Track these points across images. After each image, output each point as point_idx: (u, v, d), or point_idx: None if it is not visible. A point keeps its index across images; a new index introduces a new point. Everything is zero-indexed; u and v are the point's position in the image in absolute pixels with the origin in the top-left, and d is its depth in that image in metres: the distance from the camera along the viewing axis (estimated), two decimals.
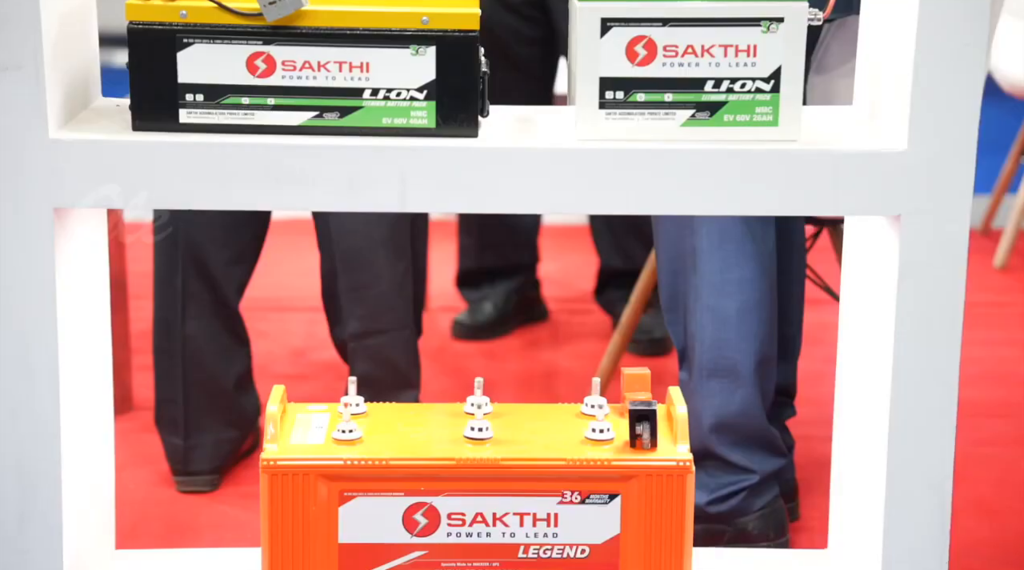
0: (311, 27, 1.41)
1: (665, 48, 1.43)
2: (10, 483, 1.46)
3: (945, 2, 1.39)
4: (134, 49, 1.41)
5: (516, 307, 3.22)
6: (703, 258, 2.11)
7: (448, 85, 1.43)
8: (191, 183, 1.42)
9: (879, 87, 1.52)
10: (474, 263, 3.23)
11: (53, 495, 1.47)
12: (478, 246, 3.22)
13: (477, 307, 3.19)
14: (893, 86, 1.46)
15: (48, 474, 1.46)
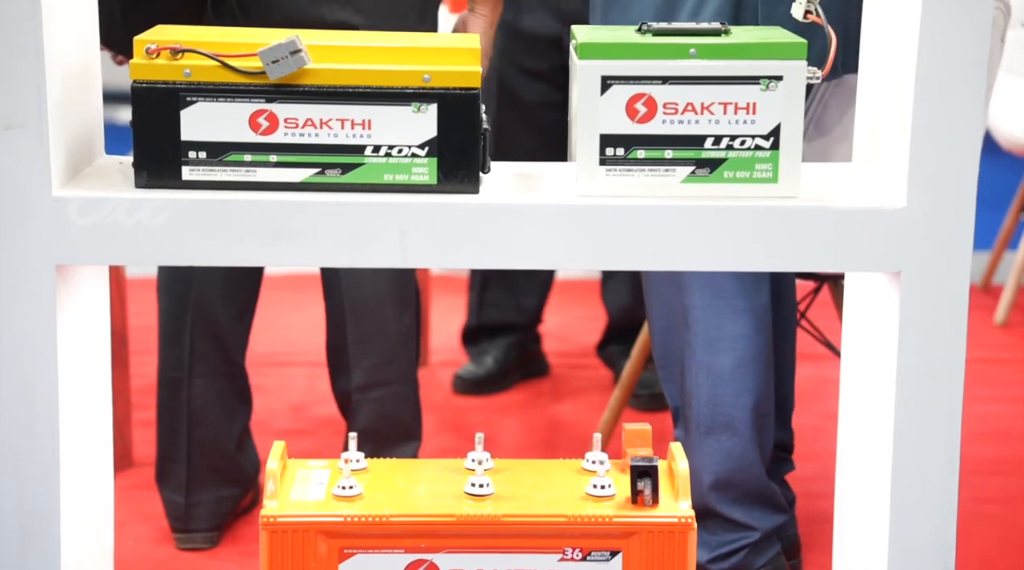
0: (314, 85, 1.42)
1: (665, 106, 1.44)
2: (10, 538, 1.46)
3: (942, 60, 1.40)
4: (138, 108, 1.42)
5: (517, 362, 3.22)
6: (695, 315, 2.12)
7: (449, 142, 1.44)
8: (194, 240, 1.43)
9: (878, 144, 1.53)
10: (476, 320, 3.24)
11: (52, 551, 1.46)
12: (480, 303, 3.23)
13: (478, 361, 3.20)
14: (892, 143, 1.47)
15: (47, 530, 1.46)
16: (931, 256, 1.43)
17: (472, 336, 3.25)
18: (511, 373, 3.21)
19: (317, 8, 2.21)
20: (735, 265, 1.46)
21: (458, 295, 3.55)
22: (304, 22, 2.17)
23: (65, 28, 1.45)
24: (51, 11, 1.39)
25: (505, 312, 3.21)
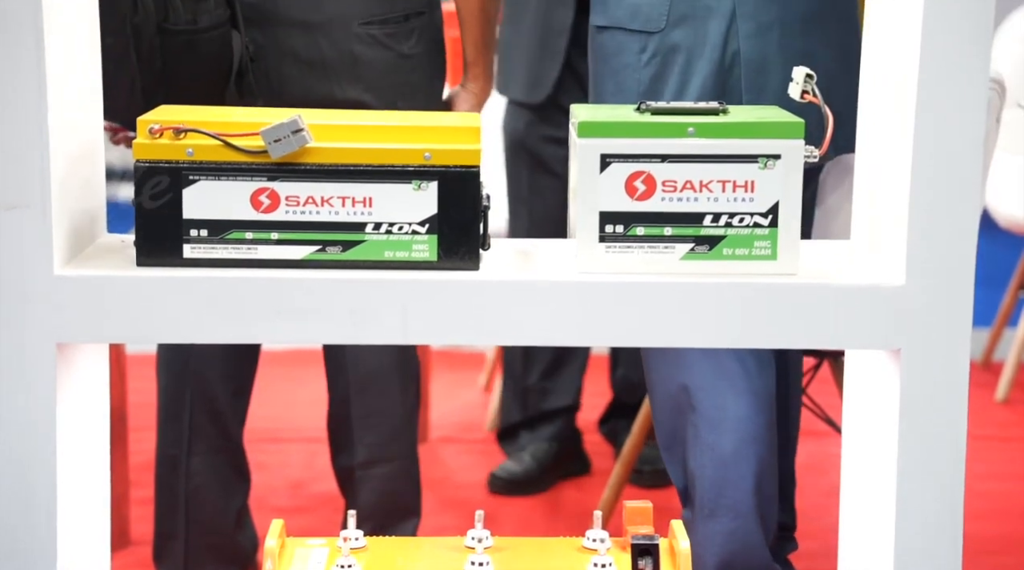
0: (315, 163, 1.44)
1: (664, 183, 1.45)
2: None
3: (939, 139, 1.41)
4: (140, 187, 1.43)
5: (556, 459, 3.15)
6: (697, 396, 2.11)
7: (450, 219, 1.45)
8: (194, 318, 1.43)
9: (876, 222, 1.54)
10: (514, 416, 3.17)
11: None
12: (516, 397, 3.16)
13: (516, 459, 3.13)
14: (890, 221, 1.48)
15: None
16: (931, 334, 1.43)
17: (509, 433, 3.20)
18: (550, 472, 3.14)
19: (328, 87, 2.24)
20: (735, 342, 1.46)
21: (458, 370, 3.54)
22: (315, 101, 2.20)
23: (70, 108, 1.46)
24: (56, 90, 1.41)
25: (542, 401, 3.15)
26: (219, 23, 2.11)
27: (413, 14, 2.30)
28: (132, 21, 2.02)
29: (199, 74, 2.12)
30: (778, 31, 2.02)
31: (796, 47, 2.03)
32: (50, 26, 1.39)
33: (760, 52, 2.02)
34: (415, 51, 2.30)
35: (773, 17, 2.01)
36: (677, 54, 2.04)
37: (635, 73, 2.08)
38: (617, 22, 2.10)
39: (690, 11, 2.03)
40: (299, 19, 2.23)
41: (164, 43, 2.07)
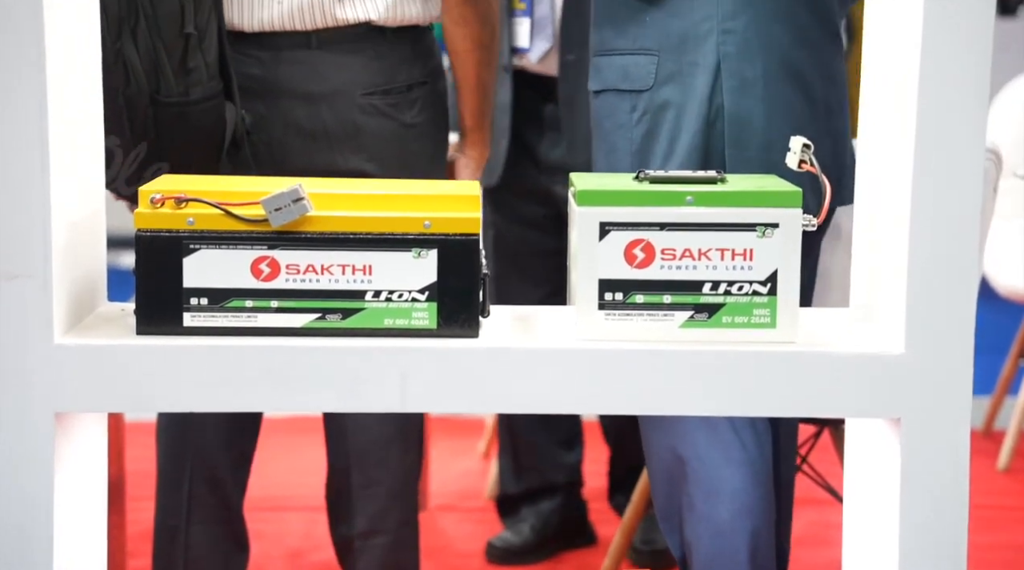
0: (315, 232, 1.44)
1: (663, 251, 1.45)
2: None
3: (936, 208, 1.42)
4: (141, 256, 1.44)
5: (557, 532, 3.13)
6: (693, 466, 2.11)
7: (449, 287, 1.45)
8: (194, 386, 1.43)
9: (874, 290, 1.54)
10: (513, 486, 3.15)
11: None
12: (514, 468, 3.14)
13: (515, 530, 3.10)
14: (888, 290, 1.48)
15: None
16: (931, 402, 1.43)
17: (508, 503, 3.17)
18: (550, 542, 3.10)
19: (330, 157, 2.26)
20: (735, 410, 1.46)
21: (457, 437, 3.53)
22: (317, 171, 2.22)
23: (72, 175, 1.47)
24: (59, 158, 1.42)
25: (544, 473, 3.13)
26: (212, 95, 2.13)
27: (416, 84, 2.32)
28: (124, 93, 2.04)
29: (192, 145, 2.13)
30: (761, 86, 2.03)
31: (778, 101, 2.04)
32: (54, 95, 1.40)
33: (743, 107, 2.03)
34: (417, 120, 2.32)
35: (757, 73, 2.03)
36: (667, 111, 2.06)
37: (627, 132, 2.10)
38: (609, 84, 2.12)
39: (677, 68, 2.05)
40: (302, 90, 2.25)
41: (157, 114, 2.09)
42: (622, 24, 2.09)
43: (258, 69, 2.23)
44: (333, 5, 2.23)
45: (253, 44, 2.23)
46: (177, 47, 2.07)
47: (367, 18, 2.26)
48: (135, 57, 2.04)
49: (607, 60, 2.12)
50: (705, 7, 2.03)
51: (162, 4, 2.05)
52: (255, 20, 2.22)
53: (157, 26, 2.05)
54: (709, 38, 2.03)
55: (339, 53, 2.26)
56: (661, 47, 2.06)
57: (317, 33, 2.25)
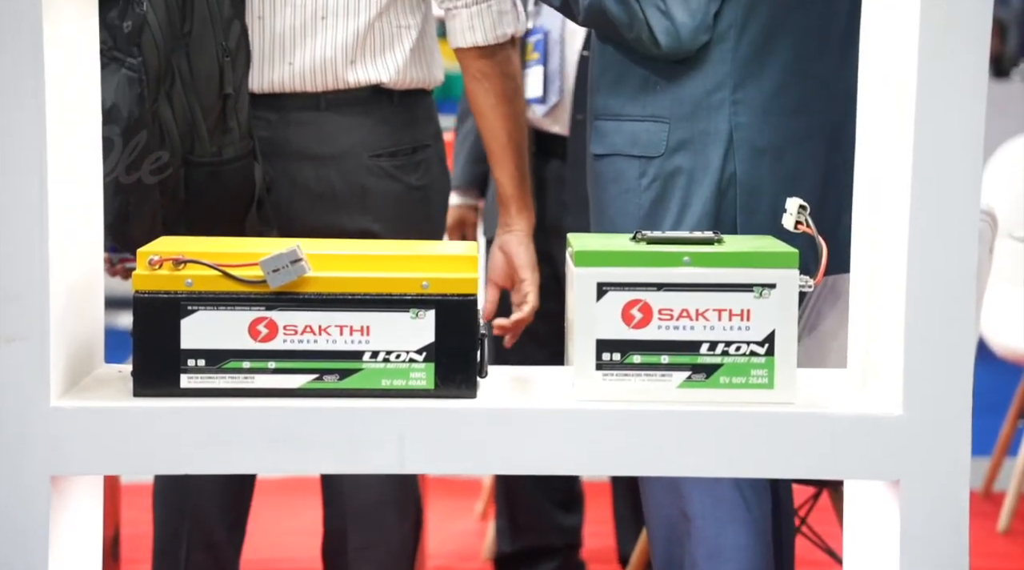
0: (313, 293, 1.44)
1: (660, 312, 1.46)
2: None
3: (933, 270, 1.42)
4: (139, 318, 1.44)
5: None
6: (696, 525, 2.09)
7: (447, 347, 1.45)
8: (191, 449, 1.42)
9: (872, 351, 1.54)
10: (508, 546, 3.12)
11: None
12: (511, 528, 3.11)
13: None
14: (886, 351, 1.48)
15: None
16: (930, 464, 1.43)
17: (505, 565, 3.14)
18: None
19: (337, 218, 2.27)
20: (733, 471, 1.46)
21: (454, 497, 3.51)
22: (325, 232, 2.23)
23: (71, 238, 1.47)
24: (58, 222, 1.42)
25: (542, 535, 3.11)
26: (243, 154, 2.14)
27: (420, 146, 2.34)
28: (158, 153, 2.05)
29: (221, 204, 2.14)
30: (771, 154, 2.05)
31: (786, 169, 2.06)
32: (53, 158, 1.40)
33: (754, 175, 2.05)
34: (422, 183, 2.34)
35: (766, 141, 2.05)
36: (678, 177, 2.08)
37: (636, 197, 2.11)
38: (617, 149, 2.13)
39: (688, 137, 2.07)
40: (311, 152, 2.26)
41: (188, 175, 2.09)
42: (632, 91, 2.11)
43: (266, 130, 2.25)
44: (344, 68, 2.25)
45: (261, 105, 2.24)
46: (215, 108, 2.09)
47: (378, 80, 2.28)
48: (170, 119, 2.05)
49: (615, 125, 2.14)
50: (716, 76, 2.05)
51: (201, 65, 2.06)
52: (265, 81, 2.24)
53: (195, 87, 2.07)
54: (721, 107, 2.05)
55: (347, 115, 2.28)
56: (672, 115, 2.08)
57: (326, 95, 2.27)
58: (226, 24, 2.08)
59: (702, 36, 2.04)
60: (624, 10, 2.03)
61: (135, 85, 1.99)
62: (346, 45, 2.25)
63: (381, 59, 2.28)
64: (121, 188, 2.00)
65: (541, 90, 2.89)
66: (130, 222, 2.03)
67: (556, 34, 2.88)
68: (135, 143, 2.03)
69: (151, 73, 2.01)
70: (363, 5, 2.26)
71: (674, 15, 2.02)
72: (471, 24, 2.40)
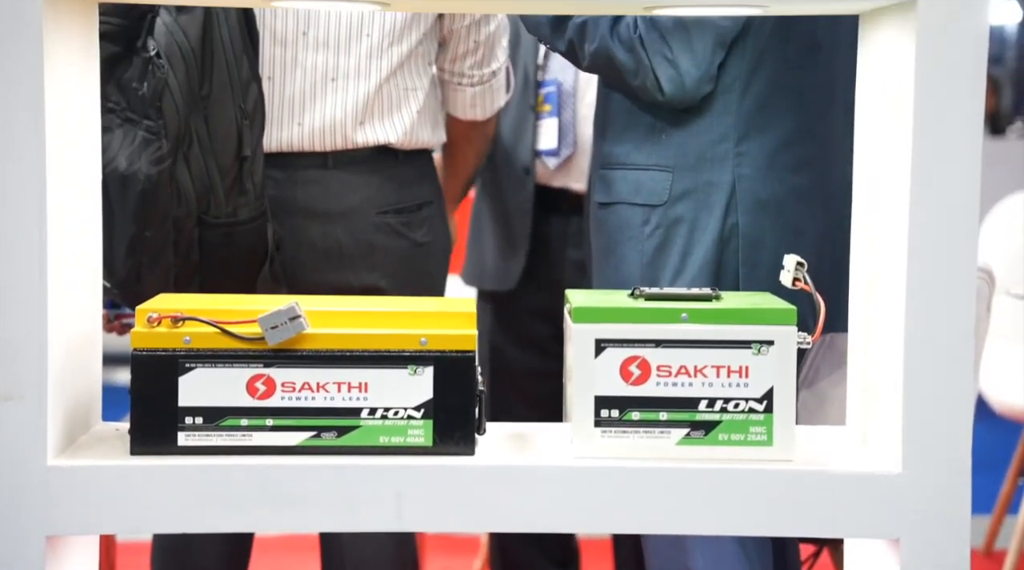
0: (311, 350, 1.44)
1: (659, 368, 1.46)
2: None
3: (930, 329, 1.42)
4: (137, 376, 1.43)
5: None
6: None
7: (445, 404, 1.45)
8: (188, 507, 1.42)
9: (871, 409, 1.54)
10: None
11: None
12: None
13: None
14: (885, 409, 1.48)
15: None
16: (930, 522, 1.42)
17: None
18: None
19: (343, 274, 2.29)
20: (731, 529, 1.45)
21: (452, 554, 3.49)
22: (330, 288, 2.24)
23: (70, 296, 1.47)
24: (57, 281, 1.42)
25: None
26: (258, 215, 2.15)
27: (425, 203, 2.37)
28: (174, 215, 2.05)
29: (234, 264, 2.15)
30: (774, 207, 2.07)
31: (788, 223, 2.07)
32: (53, 215, 1.41)
33: (756, 227, 2.07)
34: (427, 239, 2.37)
35: (769, 194, 2.07)
36: (680, 225, 2.09)
37: (638, 245, 2.12)
38: (622, 197, 2.15)
39: (692, 186, 2.09)
40: (318, 210, 2.28)
41: (203, 235, 2.10)
42: (637, 140, 2.13)
43: (273, 189, 2.26)
44: (353, 129, 2.27)
45: (269, 164, 2.26)
46: (232, 169, 2.10)
47: (386, 141, 2.30)
48: (187, 180, 2.06)
49: (620, 174, 2.16)
50: (721, 128, 2.07)
51: (219, 127, 2.07)
52: (273, 141, 2.26)
53: (212, 149, 2.08)
54: (725, 159, 2.07)
55: (354, 173, 2.30)
56: (676, 164, 2.09)
57: (334, 154, 2.28)
58: (244, 86, 2.10)
59: (705, 86, 2.06)
60: (631, 57, 2.06)
61: (153, 147, 2.00)
62: (356, 107, 2.27)
63: (389, 120, 2.31)
64: (135, 248, 2.01)
65: (555, 142, 2.90)
66: (143, 281, 2.04)
67: (569, 86, 2.90)
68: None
69: (171, 136, 2.02)
70: (373, 68, 2.28)
71: (679, 64, 2.04)
72: (472, 102, 2.48)
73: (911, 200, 1.41)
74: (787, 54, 2.08)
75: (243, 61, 2.09)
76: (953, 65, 1.40)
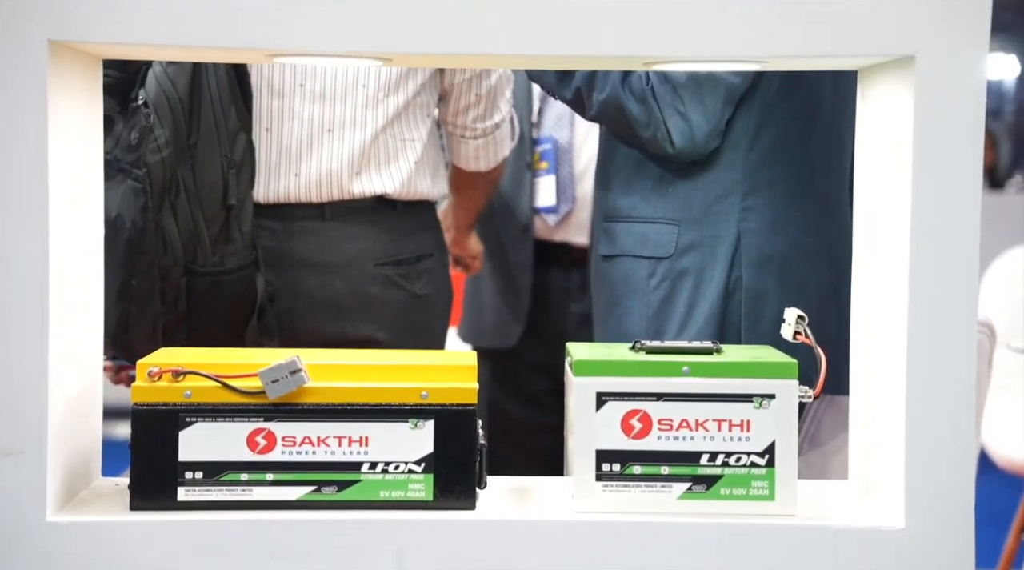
0: (312, 403, 1.44)
1: (660, 422, 1.45)
2: None
3: (931, 384, 1.42)
4: (137, 430, 1.43)
5: None
6: None
7: (446, 458, 1.44)
8: (188, 562, 1.41)
9: (873, 463, 1.53)
10: None
11: None
12: None
13: None
14: (887, 464, 1.48)
15: None
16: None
17: None
18: None
19: (340, 326, 2.28)
20: None
21: None
22: (328, 340, 2.23)
23: (70, 353, 1.47)
24: (58, 336, 1.42)
25: None
26: (245, 264, 2.16)
27: (424, 256, 2.37)
28: (160, 263, 2.06)
29: (222, 314, 2.15)
30: (778, 262, 2.07)
31: (792, 278, 2.08)
32: (55, 270, 1.41)
33: (760, 281, 2.07)
34: (425, 291, 2.36)
35: (774, 249, 2.08)
36: (686, 278, 2.10)
37: (644, 297, 2.13)
38: (627, 250, 2.16)
39: (698, 239, 2.10)
40: (316, 261, 2.28)
41: (190, 284, 2.10)
42: (644, 193, 2.14)
43: (270, 240, 2.26)
44: (349, 179, 2.28)
45: (266, 215, 2.26)
46: (218, 218, 2.11)
47: (383, 191, 2.31)
48: (174, 229, 2.07)
49: (624, 226, 2.16)
50: (727, 183, 2.09)
51: (205, 176, 2.09)
52: (271, 192, 2.27)
53: (199, 198, 2.09)
54: (731, 213, 2.08)
55: (352, 224, 2.30)
56: (682, 217, 2.11)
57: (331, 205, 2.29)
58: (232, 136, 2.11)
59: (715, 141, 2.08)
60: (643, 109, 2.07)
61: (140, 196, 2.01)
62: (352, 158, 2.28)
63: (386, 171, 2.31)
64: (122, 297, 2.01)
65: (554, 199, 2.91)
66: (131, 331, 2.04)
67: (565, 142, 2.92)
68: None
69: (156, 185, 2.03)
70: (369, 119, 2.29)
71: (691, 118, 2.06)
72: (476, 154, 2.50)
73: (911, 254, 1.42)
74: (793, 111, 2.10)
75: (231, 111, 2.11)
76: (951, 120, 1.40)
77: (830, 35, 1.40)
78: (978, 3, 1.39)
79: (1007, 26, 9.41)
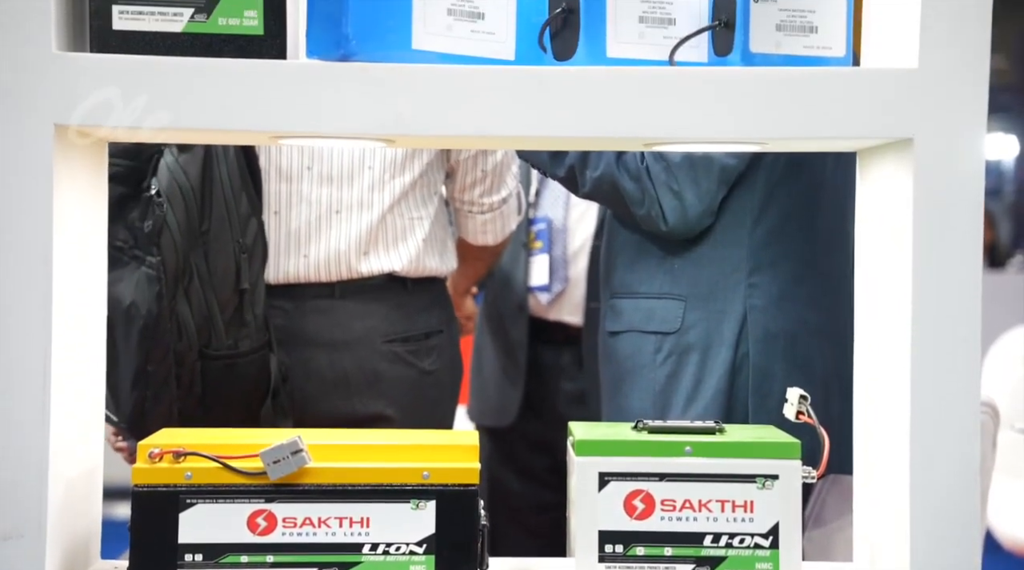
0: (313, 484, 1.43)
1: (663, 502, 1.44)
2: None
3: (935, 466, 1.41)
4: (137, 512, 1.42)
5: None
6: None
7: (448, 539, 1.44)
8: None
9: (877, 545, 1.52)
10: None
11: None
12: None
13: None
14: (892, 543, 1.47)
15: None
16: None
17: None
18: None
19: (350, 403, 2.29)
20: None
21: None
22: (337, 417, 2.24)
23: (71, 436, 1.47)
24: (60, 419, 1.42)
25: None
26: (260, 346, 2.17)
27: (433, 332, 2.39)
28: (175, 348, 2.07)
29: (237, 396, 2.15)
30: (784, 339, 2.08)
31: (799, 356, 2.08)
32: (57, 353, 1.41)
33: (766, 358, 2.08)
34: (435, 368, 2.38)
35: (780, 326, 2.08)
36: (692, 353, 2.10)
37: (650, 372, 2.13)
38: (633, 326, 2.17)
39: (704, 315, 2.10)
40: (326, 339, 2.29)
41: (204, 368, 2.11)
42: (649, 269, 2.16)
43: (282, 319, 2.28)
44: (357, 259, 2.30)
45: (277, 295, 2.28)
46: (231, 302, 2.13)
47: (391, 269, 2.33)
48: (188, 314, 2.08)
49: (631, 303, 2.17)
50: (733, 260, 2.10)
51: (218, 261, 2.11)
52: (280, 272, 2.29)
53: (212, 284, 2.11)
54: (737, 289, 2.09)
55: (361, 302, 2.32)
56: (689, 294, 2.12)
57: (341, 284, 2.31)
58: (243, 222, 2.14)
59: (707, 220, 2.09)
60: (637, 187, 2.09)
61: (154, 283, 2.03)
62: (360, 238, 2.30)
63: (394, 250, 2.34)
64: (138, 383, 2.02)
65: (547, 278, 2.93)
66: (147, 416, 2.04)
67: (559, 223, 2.94)
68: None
69: (169, 272, 2.05)
70: (375, 199, 2.32)
71: (684, 197, 2.08)
72: (483, 229, 2.53)
73: (912, 335, 1.42)
74: (798, 189, 2.12)
75: (242, 197, 2.13)
76: (951, 201, 1.41)
77: (828, 117, 1.41)
78: (976, 86, 1.40)
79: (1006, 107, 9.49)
